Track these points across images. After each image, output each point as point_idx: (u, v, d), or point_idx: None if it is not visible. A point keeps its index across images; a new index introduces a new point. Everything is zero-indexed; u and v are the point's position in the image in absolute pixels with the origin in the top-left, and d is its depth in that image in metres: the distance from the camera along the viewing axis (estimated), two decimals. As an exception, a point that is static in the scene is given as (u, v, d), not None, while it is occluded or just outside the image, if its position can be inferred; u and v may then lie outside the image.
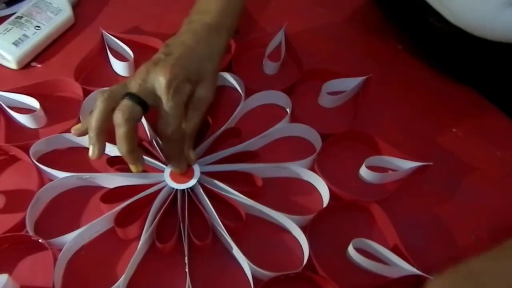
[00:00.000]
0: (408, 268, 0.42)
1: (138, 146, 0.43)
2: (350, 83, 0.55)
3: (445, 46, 0.57)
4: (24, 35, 0.55)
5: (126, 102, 0.40)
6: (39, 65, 0.56)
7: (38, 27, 0.56)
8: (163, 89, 0.41)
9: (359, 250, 0.43)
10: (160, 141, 0.47)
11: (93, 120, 0.40)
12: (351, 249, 0.43)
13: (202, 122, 0.47)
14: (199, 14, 0.50)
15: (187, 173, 0.45)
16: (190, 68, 0.45)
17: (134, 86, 0.42)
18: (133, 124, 0.40)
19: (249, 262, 0.41)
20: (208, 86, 0.47)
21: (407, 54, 0.63)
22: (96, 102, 0.41)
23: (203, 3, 0.52)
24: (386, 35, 0.64)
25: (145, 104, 0.41)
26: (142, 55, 0.55)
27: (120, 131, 0.40)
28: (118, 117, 0.39)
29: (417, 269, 0.41)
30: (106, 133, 0.41)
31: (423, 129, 0.55)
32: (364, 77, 0.55)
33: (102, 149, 0.41)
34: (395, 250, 0.43)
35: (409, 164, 0.48)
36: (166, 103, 0.41)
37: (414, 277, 0.41)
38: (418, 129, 0.55)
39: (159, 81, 0.42)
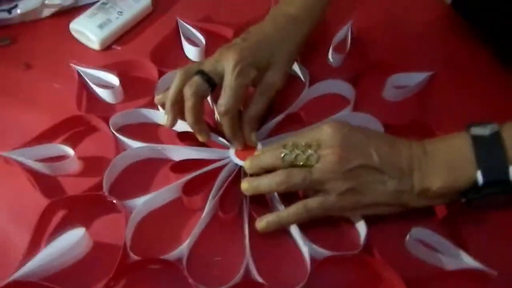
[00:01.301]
0: (468, 261, 0.41)
1: (204, 122, 0.46)
2: (416, 78, 0.55)
3: None
4: (108, 19, 0.59)
5: (195, 79, 0.44)
6: (119, 48, 0.61)
7: (121, 12, 0.61)
8: (229, 69, 0.44)
9: (418, 240, 0.43)
10: None
11: (170, 92, 0.45)
12: (410, 237, 0.43)
13: (267, 107, 0.49)
14: (286, 5, 0.53)
15: (250, 152, 0.47)
16: (261, 54, 0.47)
17: (206, 65, 0.46)
18: (198, 99, 0.44)
19: (306, 240, 0.42)
20: (277, 73, 0.49)
21: (479, 54, 0.61)
22: (175, 77, 0.45)
23: None
24: (457, 34, 0.63)
25: (214, 83, 0.45)
26: (213, 42, 0.58)
27: (187, 104, 0.44)
28: (187, 91, 0.44)
29: (479, 263, 0.40)
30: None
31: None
32: (430, 73, 0.55)
33: (174, 118, 0.46)
34: (457, 243, 0.43)
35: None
36: (229, 82, 0.44)
37: (475, 272, 0.41)
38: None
39: (228, 62, 0.45)
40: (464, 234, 0.43)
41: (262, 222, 0.42)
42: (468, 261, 0.41)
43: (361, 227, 0.44)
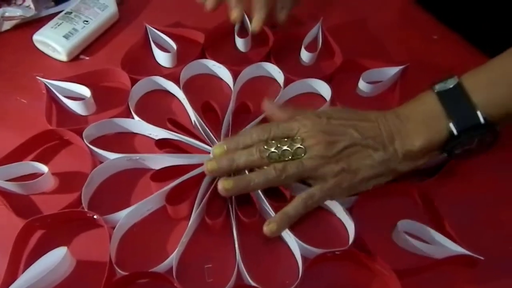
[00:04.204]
0: (455, 249, 0.42)
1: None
2: (388, 72, 0.56)
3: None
4: (74, 29, 0.57)
5: None
6: (87, 58, 0.59)
7: (87, 21, 0.59)
8: None
9: (405, 232, 0.43)
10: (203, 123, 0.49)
11: None
12: (397, 230, 0.43)
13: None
14: None
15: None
16: None
17: None
18: None
19: (297, 239, 0.42)
20: None
21: (443, 43, 0.63)
22: None
23: None
24: (423, 27, 0.65)
25: None
26: (184, 47, 0.57)
27: None
28: None
29: (465, 249, 0.41)
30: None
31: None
32: (402, 66, 0.56)
33: (241, 12, 0.55)
34: (441, 231, 0.43)
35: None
36: None
37: (463, 258, 0.41)
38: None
39: None
40: (448, 222, 0.44)
41: (271, 225, 0.42)
42: (455, 248, 0.42)
43: (349, 223, 0.44)
